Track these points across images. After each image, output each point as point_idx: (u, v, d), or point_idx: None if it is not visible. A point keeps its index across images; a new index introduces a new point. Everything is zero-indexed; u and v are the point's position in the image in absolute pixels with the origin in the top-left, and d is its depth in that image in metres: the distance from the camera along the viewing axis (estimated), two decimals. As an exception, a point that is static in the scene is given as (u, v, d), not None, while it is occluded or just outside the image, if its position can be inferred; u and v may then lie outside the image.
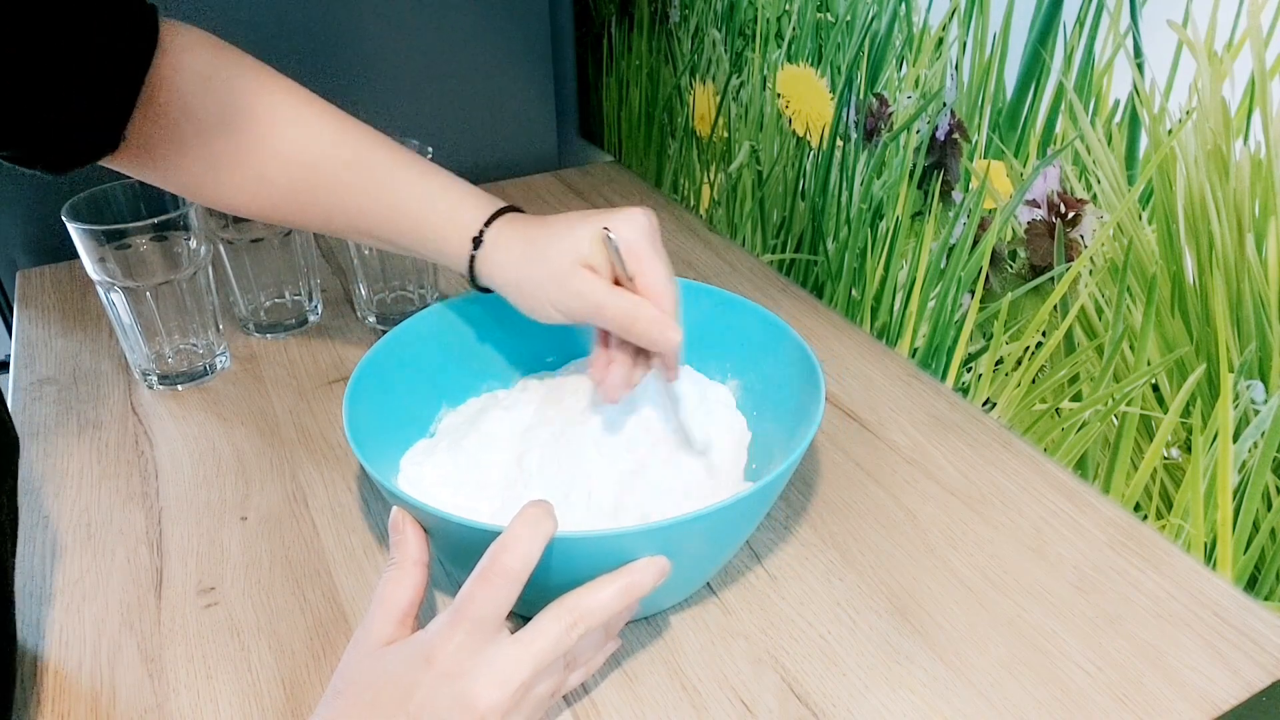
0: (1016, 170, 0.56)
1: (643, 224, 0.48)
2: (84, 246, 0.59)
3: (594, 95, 1.08)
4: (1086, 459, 0.57)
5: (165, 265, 0.61)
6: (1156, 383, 0.51)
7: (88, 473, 0.59)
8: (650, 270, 0.48)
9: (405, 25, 0.92)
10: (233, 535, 0.54)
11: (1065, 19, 0.50)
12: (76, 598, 0.50)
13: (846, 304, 0.74)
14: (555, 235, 0.49)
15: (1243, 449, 0.47)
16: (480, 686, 0.36)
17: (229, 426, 0.63)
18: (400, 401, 0.54)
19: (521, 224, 0.52)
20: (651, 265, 0.48)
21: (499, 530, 0.38)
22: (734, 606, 0.49)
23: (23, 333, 0.73)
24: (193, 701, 0.44)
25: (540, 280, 0.50)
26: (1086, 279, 0.53)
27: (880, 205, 0.67)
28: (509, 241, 0.51)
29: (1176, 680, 0.45)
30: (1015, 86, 0.54)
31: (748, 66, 0.78)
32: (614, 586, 0.39)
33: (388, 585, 0.40)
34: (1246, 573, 0.49)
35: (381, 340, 0.54)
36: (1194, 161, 0.46)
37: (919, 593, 0.50)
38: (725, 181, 0.86)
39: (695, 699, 0.44)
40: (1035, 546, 0.53)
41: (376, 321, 0.73)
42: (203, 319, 0.66)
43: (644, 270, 0.48)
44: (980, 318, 0.61)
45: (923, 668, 0.46)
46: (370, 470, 0.44)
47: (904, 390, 0.66)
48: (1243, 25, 0.42)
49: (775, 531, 0.54)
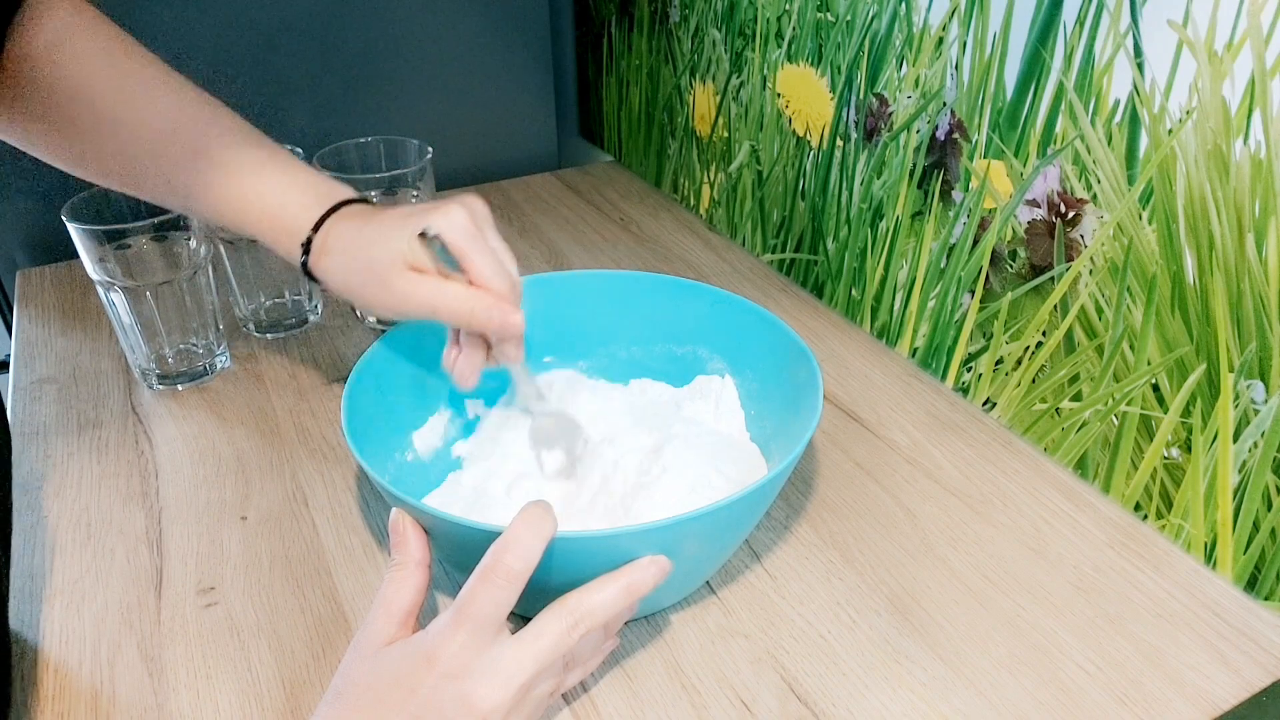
0: (1016, 170, 0.56)
1: (460, 219, 0.47)
2: (84, 246, 0.59)
3: (594, 95, 1.08)
4: (1086, 459, 0.57)
5: (165, 265, 0.61)
6: (1156, 383, 0.51)
7: (88, 473, 0.59)
8: (477, 263, 0.47)
9: (405, 25, 0.92)
10: (233, 535, 0.54)
11: (1065, 19, 0.50)
12: (76, 597, 0.50)
13: (846, 304, 0.74)
14: (377, 238, 0.49)
15: (1243, 449, 0.47)
16: (482, 686, 0.36)
17: (229, 426, 0.63)
18: (400, 401, 0.54)
19: (349, 225, 0.50)
20: (478, 258, 0.47)
21: (499, 530, 0.38)
22: (734, 606, 0.49)
23: (23, 333, 0.73)
24: (193, 701, 0.44)
25: (369, 284, 0.49)
26: (1086, 279, 0.53)
27: (880, 205, 0.67)
28: (335, 244, 0.50)
29: (1176, 680, 0.45)
30: (1015, 86, 0.54)
31: (748, 66, 0.78)
32: (615, 586, 0.39)
33: (390, 586, 0.40)
34: (1246, 573, 0.49)
35: (381, 340, 0.54)
36: (1194, 161, 0.46)
37: (919, 592, 0.50)
38: (725, 181, 0.86)
39: (695, 698, 0.44)
40: (1035, 546, 0.53)
41: (376, 321, 0.73)
42: (203, 319, 0.66)
43: (471, 264, 0.47)
44: (980, 317, 0.61)
45: (923, 667, 0.46)
46: (370, 470, 0.44)
47: (904, 390, 0.66)
48: (1243, 25, 0.42)
49: (775, 531, 0.54)
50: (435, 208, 0.48)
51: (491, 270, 0.47)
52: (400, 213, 0.49)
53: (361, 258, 0.49)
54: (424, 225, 0.47)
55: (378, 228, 0.49)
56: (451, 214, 0.47)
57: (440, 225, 0.47)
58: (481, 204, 0.49)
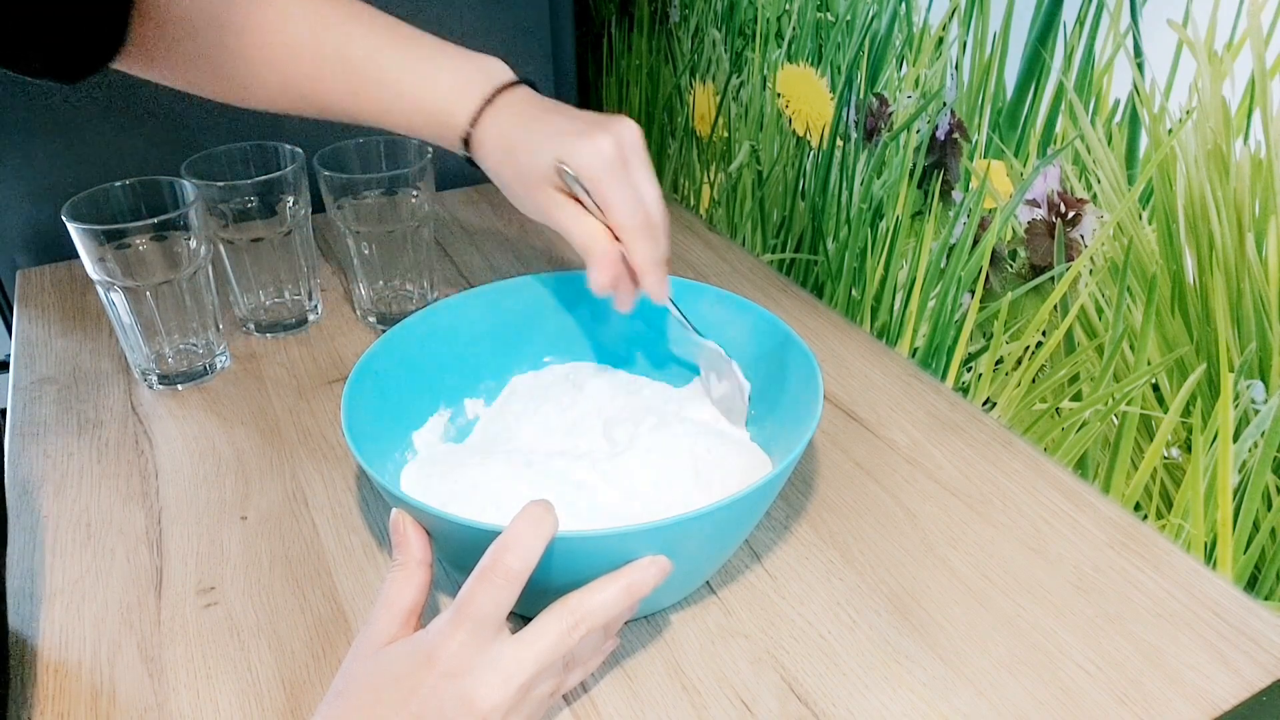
0: (1016, 170, 0.56)
1: (605, 153, 0.47)
2: (84, 246, 0.59)
3: (594, 95, 1.08)
4: (1086, 459, 0.57)
5: (165, 265, 0.61)
6: (1156, 382, 0.51)
7: (88, 473, 0.59)
8: (614, 201, 0.47)
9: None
10: (233, 535, 0.54)
11: (1065, 18, 0.50)
12: (76, 597, 0.50)
13: (846, 304, 0.74)
14: (528, 147, 0.49)
15: (1243, 449, 0.47)
16: (482, 686, 0.36)
17: (229, 426, 0.63)
18: (399, 401, 0.55)
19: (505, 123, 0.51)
20: (613, 194, 0.47)
21: (499, 530, 0.38)
22: (734, 606, 0.49)
23: (23, 333, 0.73)
24: (193, 701, 0.44)
25: (515, 186, 0.51)
26: (1086, 279, 0.53)
27: (880, 205, 0.67)
28: (490, 142, 0.51)
29: (1176, 680, 0.45)
30: (1015, 86, 0.54)
31: (748, 66, 0.78)
32: (615, 586, 0.39)
33: (392, 586, 0.40)
34: (1246, 572, 0.49)
35: (381, 340, 0.54)
36: (1194, 161, 0.46)
37: (919, 592, 0.50)
38: (725, 181, 0.86)
39: (695, 698, 0.44)
40: (1035, 546, 0.53)
41: (376, 321, 0.73)
42: (203, 319, 0.66)
43: (607, 202, 0.47)
44: (980, 317, 0.61)
45: (923, 667, 0.46)
46: (369, 470, 0.44)
47: (904, 390, 0.66)
48: (1243, 25, 0.42)
49: (775, 531, 0.54)
50: (584, 133, 0.47)
51: (626, 209, 0.47)
52: (553, 127, 0.49)
53: (511, 163, 0.50)
54: (566, 156, 0.47)
55: (529, 136, 0.49)
56: (596, 145, 0.47)
57: (579, 160, 0.47)
58: (633, 131, 0.48)
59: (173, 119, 0.83)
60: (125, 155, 0.82)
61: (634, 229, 0.48)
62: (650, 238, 0.49)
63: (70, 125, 0.80)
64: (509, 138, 0.50)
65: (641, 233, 0.48)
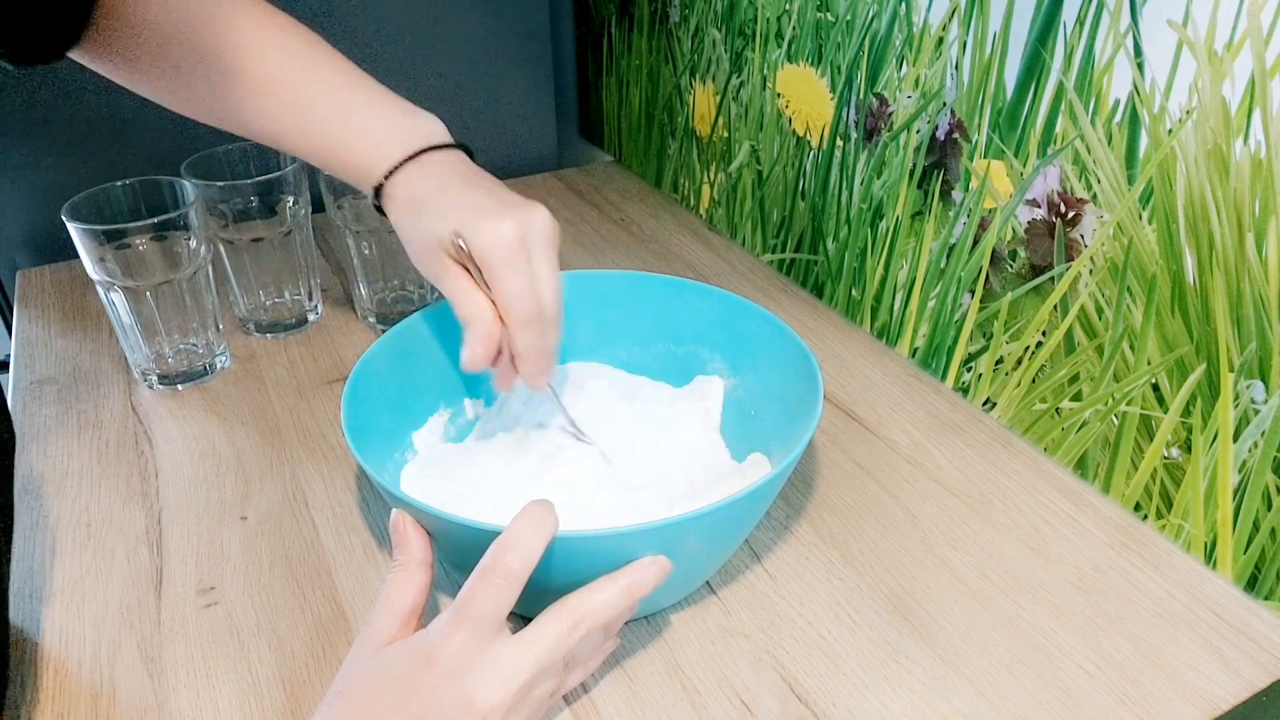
0: (1016, 170, 0.56)
1: (505, 237, 0.45)
2: (84, 246, 0.59)
3: (594, 95, 1.08)
4: (1086, 459, 0.57)
5: (165, 265, 0.61)
6: (1156, 382, 0.51)
7: (88, 473, 0.59)
8: (503, 288, 0.46)
9: (405, 24, 0.92)
10: (233, 535, 0.54)
11: (1065, 18, 0.50)
12: (76, 597, 0.50)
13: (846, 304, 0.74)
14: (435, 211, 0.48)
15: (1243, 449, 0.47)
16: (482, 686, 0.36)
17: (229, 426, 0.63)
18: (399, 401, 0.54)
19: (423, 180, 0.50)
20: (508, 282, 0.46)
21: (499, 530, 0.38)
22: (734, 606, 0.49)
23: (23, 333, 0.73)
24: (193, 701, 0.44)
25: (412, 245, 0.50)
26: (1086, 279, 0.53)
27: (880, 205, 0.67)
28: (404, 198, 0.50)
29: (1176, 680, 0.45)
30: (1015, 86, 0.54)
31: (748, 66, 0.78)
32: (615, 587, 0.39)
33: (393, 586, 0.40)
34: (1246, 572, 0.49)
35: (381, 340, 0.54)
36: (1194, 161, 0.46)
37: (919, 592, 0.50)
38: (725, 181, 0.86)
39: (695, 698, 0.44)
40: (1035, 546, 0.53)
41: (376, 321, 0.73)
42: (203, 319, 0.66)
43: (496, 288, 0.46)
44: (980, 317, 0.61)
45: (923, 667, 0.46)
46: (369, 470, 0.44)
47: (904, 390, 0.66)
48: (1243, 25, 0.42)
49: (775, 531, 0.54)
50: (491, 212, 0.46)
51: (515, 297, 0.46)
52: (465, 199, 0.48)
53: (414, 223, 0.49)
54: (465, 232, 0.46)
55: (438, 200, 0.49)
56: (497, 229, 0.45)
57: (478, 239, 0.46)
58: (543, 219, 0.47)
59: (173, 119, 0.83)
60: (125, 155, 0.82)
61: (520, 318, 0.46)
62: (536, 328, 0.47)
63: (70, 125, 0.80)
64: (418, 197, 0.49)
65: (527, 323, 0.47)
